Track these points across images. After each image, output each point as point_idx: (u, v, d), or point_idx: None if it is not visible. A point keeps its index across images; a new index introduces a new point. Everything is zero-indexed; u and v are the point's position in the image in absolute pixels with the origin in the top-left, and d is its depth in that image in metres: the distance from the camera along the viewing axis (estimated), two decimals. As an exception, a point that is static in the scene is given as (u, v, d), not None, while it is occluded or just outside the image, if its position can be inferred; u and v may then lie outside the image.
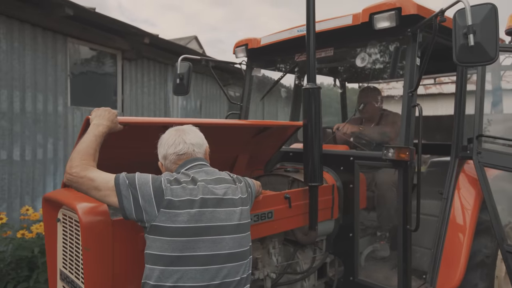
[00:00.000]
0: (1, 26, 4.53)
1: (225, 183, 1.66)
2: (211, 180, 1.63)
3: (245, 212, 1.68)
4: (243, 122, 2.60)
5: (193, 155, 1.72)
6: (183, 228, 1.46)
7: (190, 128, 1.79)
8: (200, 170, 1.67)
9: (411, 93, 2.39)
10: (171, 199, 1.48)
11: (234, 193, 1.65)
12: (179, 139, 1.71)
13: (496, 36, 1.77)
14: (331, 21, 2.76)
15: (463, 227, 2.74)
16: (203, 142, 1.78)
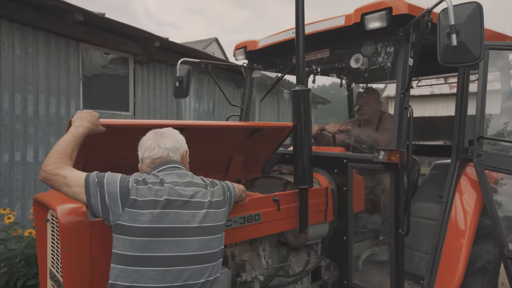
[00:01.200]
0: (15, 33, 4.72)
1: (196, 187, 1.65)
2: (182, 182, 1.63)
3: (214, 215, 1.66)
4: (228, 124, 2.61)
5: (167, 159, 1.72)
6: (145, 228, 1.47)
7: (169, 131, 1.79)
8: (172, 173, 1.67)
9: (403, 94, 2.35)
10: (136, 199, 1.49)
11: (204, 196, 1.64)
12: (155, 143, 1.71)
13: (481, 35, 1.72)
14: (324, 22, 2.74)
15: (463, 231, 2.65)
16: (180, 145, 1.78)
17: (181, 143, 1.80)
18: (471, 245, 2.61)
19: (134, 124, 2.16)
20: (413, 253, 2.87)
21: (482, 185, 2.60)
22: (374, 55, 2.73)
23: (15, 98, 4.70)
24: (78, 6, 4.76)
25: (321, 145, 3.08)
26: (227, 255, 2.28)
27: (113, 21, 5.36)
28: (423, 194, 3.11)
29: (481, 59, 1.72)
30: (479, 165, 2.63)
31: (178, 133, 1.83)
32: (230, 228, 2.12)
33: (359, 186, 2.93)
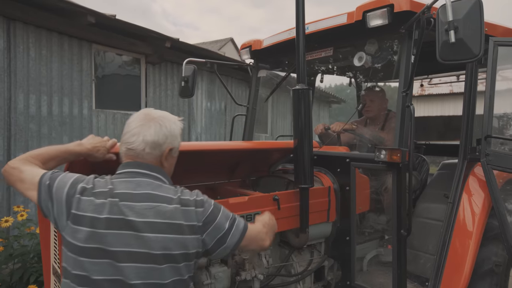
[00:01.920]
0: (30, 35, 4.85)
1: (154, 202, 1.34)
2: (135, 195, 1.34)
3: (171, 241, 1.32)
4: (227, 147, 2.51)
5: (138, 158, 1.43)
6: (81, 248, 1.28)
7: (162, 117, 1.48)
8: (130, 180, 1.38)
9: (405, 92, 2.31)
10: (76, 213, 1.31)
11: (162, 215, 1.32)
12: (137, 129, 1.42)
13: (481, 31, 1.67)
14: (327, 21, 2.72)
15: (470, 232, 2.59)
16: (165, 140, 1.44)
17: (168, 137, 1.46)
18: (478, 246, 2.55)
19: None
20: (419, 254, 2.83)
21: (489, 185, 2.53)
22: (377, 53, 2.69)
23: (30, 98, 4.83)
24: (89, 8, 4.86)
25: (326, 144, 3.05)
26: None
27: (124, 23, 5.45)
28: (430, 194, 3.05)
29: (481, 56, 1.68)
30: (487, 164, 2.57)
31: (174, 121, 1.51)
32: (228, 227, 2.13)
33: (362, 186, 2.90)
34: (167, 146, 1.46)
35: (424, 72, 4.26)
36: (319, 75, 4.25)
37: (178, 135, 1.51)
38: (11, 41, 4.64)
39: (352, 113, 3.45)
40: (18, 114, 4.71)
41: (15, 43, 4.68)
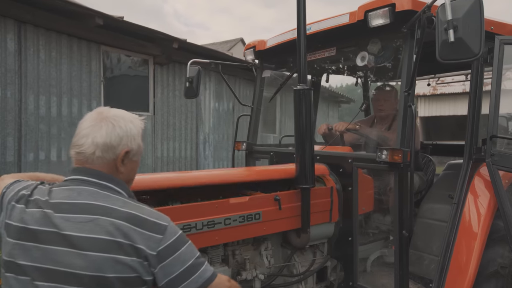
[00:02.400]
0: (40, 38, 4.95)
1: (94, 214, 1.15)
2: (74, 205, 1.16)
3: (121, 264, 1.12)
4: (225, 179, 2.35)
5: (87, 163, 1.24)
6: (5, 262, 1.15)
7: (115, 117, 1.27)
8: (72, 189, 1.21)
9: (407, 92, 2.29)
10: (7, 222, 1.19)
11: (106, 230, 1.12)
12: (87, 130, 1.24)
13: (481, 30, 1.65)
14: (330, 20, 2.71)
15: (474, 234, 2.56)
16: (119, 142, 1.24)
17: (123, 138, 1.25)
18: (483, 248, 2.51)
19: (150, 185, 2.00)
20: (423, 255, 2.80)
21: (494, 186, 2.50)
22: (380, 53, 2.67)
23: (40, 100, 4.93)
24: (97, 10, 4.94)
25: (329, 145, 3.05)
26: (228, 253, 2.31)
27: (132, 24, 5.52)
28: (435, 194, 3.02)
29: (480, 55, 1.66)
30: (492, 165, 2.53)
31: (132, 120, 1.30)
32: (229, 227, 2.15)
33: (366, 186, 2.88)
34: (122, 148, 1.25)
35: (431, 71, 4.21)
36: (324, 75, 4.25)
37: (136, 136, 1.29)
38: (22, 43, 4.74)
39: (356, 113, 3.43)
40: (29, 115, 4.80)
41: (25, 46, 4.78)
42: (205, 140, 7.94)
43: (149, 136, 6.60)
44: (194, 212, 2.03)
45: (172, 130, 7.12)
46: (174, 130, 7.18)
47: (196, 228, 2.03)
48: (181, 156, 7.31)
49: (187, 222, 1.99)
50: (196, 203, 2.06)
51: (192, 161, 7.62)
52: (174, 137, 7.18)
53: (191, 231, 2.00)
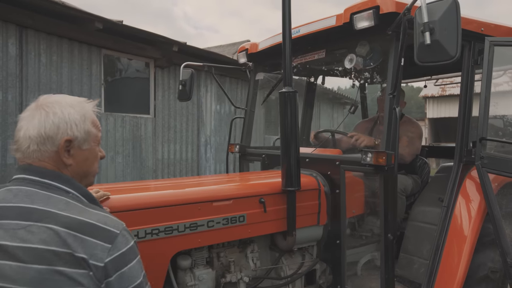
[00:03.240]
0: (41, 42, 5.03)
1: (27, 220, 0.99)
2: (8, 209, 1.02)
3: (57, 277, 0.96)
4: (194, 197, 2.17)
5: (26, 159, 1.10)
6: None
7: (51, 103, 1.12)
8: (10, 189, 1.07)
9: (392, 94, 2.28)
10: None
11: (40, 238, 0.97)
12: (21, 123, 1.11)
13: (457, 32, 1.64)
14: (318, 23, 2.71)
15: (464, 237, 2.53)
16: (56, 132, 1.09)
17: (61, 126, 1.09)
18: (472, 252, 2.49)
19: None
20: (413, 259, 2.77)
21: (484, 189, 2.47)
22: (369, 55, 2.66)
23: (40, 103, 5.00)
24: (97, 15, 5.00)
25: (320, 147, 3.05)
26: (213, 255, 2.31)
27: (132, 28, 5.58)
28: (426, 197, 2.99)
29: (457, 57, 1.65)
30: (482, 168, 2.50)
31: (72, 104, 1.14)
32: (212, 229, 2.16)
33: (356, 189, 2.87)
34: (62, 137, 1.09)
35: (427, 73, 4.19)
36: (320, 77, 4.25)
37: (79, 121, 1.12)
38: (23, 48, 4.83)
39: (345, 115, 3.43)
40: (29, 118, 4.88)
41: (27, 50, 4.86)
42: (206, 142, 7.98)
43: (150, 138, 6.65)
44: (176, 214, 2.04)
45: (173, 132, 7.16)
46: (175, 133, 7.22)
47: (178, 231, 2.04)
48: (182, 158, 7.35)
49: (169, 224, 2.01)
50: (179, 205, 2.07)
51: (193, 163, 7.65)
52: (175, 139, 7.23)
53: (173, 233, 2.02)
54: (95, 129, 1.19)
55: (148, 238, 1.93)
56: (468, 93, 2.71)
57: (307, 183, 2.61)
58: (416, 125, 3.29)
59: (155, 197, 2.09)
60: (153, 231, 1.96)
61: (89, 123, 1.17)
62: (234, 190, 2.40)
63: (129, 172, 6.15)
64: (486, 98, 2.58)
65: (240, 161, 3.67)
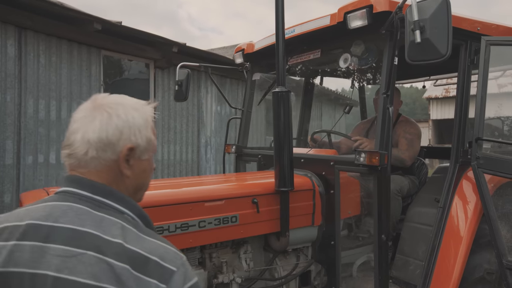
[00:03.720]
0: (40, 43, 5.05)
1: (79, 248, 0.83)
2: (55, 230, 0.85)
3: None
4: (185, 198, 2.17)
5: (80, 167, 0.94)
6: None
7: (112, 104, 0.97)
8: (56, 206, 0.90)
9: (386, 94, 2.26)
10: None
11: (91, 272, 0.80)
12: (77, 125, 0.95)
13: (448, 31, 1.63)
14: (313, 22, 2.70)
15: (460, 238, 2.51)
16: (119, 137, 0.93)
17: (125, 131, 0.94)
18: (467, 253, 2.46)
19: None
20: (409, 260, 2.75)
21: (480, 190, 2.45)
22: (364, 55, 2.65)
23: (39, 103, 5.02)
24: (95, 16, 5.01)
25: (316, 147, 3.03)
26: (205, 256, 2.30)
27: (131, 29, 5.58)
28: (422, 198, 2.97)
29: (448, 56, 1.63)
30: (478, 168, 2.48)
31: (136, 107, 1.00)
32: (204, 229, 2.14)
33: (351, 189, 2.86)
34: (124, 144, 0.94)
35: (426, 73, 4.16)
36: (318, 77, 4.24)
37: (143, 127, 0.98)
38: (22, 49, 4.84)
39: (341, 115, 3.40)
40: (28, 119, 4.89)
41: (26, 51, 4.88)
42: (206, 143, 7.97)
43: (150, 139, 6.65)
44: (167, 214, 2.03)
45: (173, 133, 7.16)
46: (175, 133, 7.22)
47: (169, 231, 2.03)
48: (182, 159, 7.35)
49: (159, 224, 2.00)
50: (170, 205, 2.06)
51: (193, 164, 7.65)
52: (175, 140, 7.23)
53: (163, 233, 2.01)
54: (154, 137, 1.04)
55: (138, 238, 1.93)
56: (465, 93, 2.69)
57: (302, 184, 2.60)
58: (414, 125, 3.26)
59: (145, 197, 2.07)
60: (144, 231, 1.95)
61: (150, 129, 1.01)
62: (227, 190, 2.39)
63: (128, 173, 6.14)
64: (482, 98, 2.56)
65: (237, 162, 3.66)
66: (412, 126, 3.22)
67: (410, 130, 3.17)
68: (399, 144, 3.14)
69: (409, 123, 3.25)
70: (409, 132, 3.15)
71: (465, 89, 2.68)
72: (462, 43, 2.66)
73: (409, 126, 3.20)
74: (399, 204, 2.91)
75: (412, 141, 3.11)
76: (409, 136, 3.13)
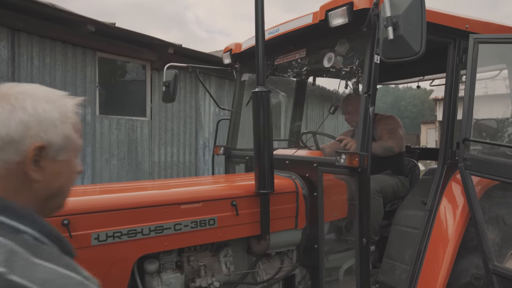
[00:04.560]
0: (34, 45, 5.06)
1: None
2: None
3: None
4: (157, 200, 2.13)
5: None
6: None
7: (18, 94, 0.81)
8: None
9: (367, 93, 2.20)
10: None
11: None
12: None
13: (422, 27, 1.57)
14: (295, 21, 2.65)
15: (446, 242, 2.43)
16: (23, 133, 0.78)
17: (32, 126, 0.79)
18: (454, 257, 2.39)
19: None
20: (395, 264, 2.68)
21: (467, 192, 2.37)
22: (349, 54, 2.59)
23: (33, 105, 5.02)
24: (88, 17, 5.01)
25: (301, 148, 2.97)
26: (183, 259, 2.26)
27: (125, 30, 5.58)
28: (410, 200, 2.90)
29: (421, 53, 1.57)
30: (465, 170, 2.41)
31: (49, 98, 0.84)
32: (179, 232, 2.10)
33: (337, 192, 2.79)
34: (31, 142, 0.79)
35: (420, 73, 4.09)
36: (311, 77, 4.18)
37: (59, 122, 0.83)
38: (15, 50, 4.85)
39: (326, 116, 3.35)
40: (21, 120, 4.89)
41: (19, 53, 4.88)
42: (204, 145, 7.94)
43: (146, 141, 6.64)
44: (141, 216, 1.99)
45: (170, 135, 7.14)
46: (172, 135, 7.20)
47: (143, 234, 1.99)
48: (179, 161, 7.33)
49: (132, 227, 1.96)
50: (143, 208, 2.02)
51: (191, 166, 7.62)
52: (172, 142, 7.21)
53: (136, 236, 1.97)
54: (76, 135, 0.88)
55: (110, 241, 1.89)
56: (453, 92, 2.62)
57: (284, 186, 2.55)
58: (391, 117, 3.24)
59: (117, 199, 2.04)
60: (115, 234, 1.91)
61: (70, 125, 0.86)
62: (204, 192, 2.34)
63: (124, 174, 6.14)
64: (470, 98, 2.48)
65: (226, 163, 3.61)
66: (389, 118, 3.21)
67: (388, 121, 3.15)
68: (382, 136, 3.09)
69: (387, 117, 3.22)
70: (388, 123, 3.13)
71: (453, 88, 2.61)
72: (451, 42, 2.60)
73: (386, 119, 3.19)
74: (379, 204, 2.83)
75: (393, 130, 3.09)
76: (389, 127, 3.10)
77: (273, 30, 2.83)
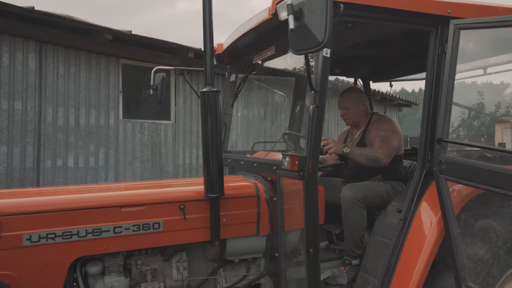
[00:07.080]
0: (60, 55, 5.44)
1: None
2: None
3: None
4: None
5: None
6: None
7: None
8: None
9: (315, 90, 2.02)
10: None
11: None
12: None
13: (327, 15, 1.39)
14: (256, 17, 2.53)
15: (418, 256, 2.15)
16: None
17: None
18: (425, 274, 2.10)
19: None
20: (369, 278, 2.42)
21: (441, 200, 2.08)
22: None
23: (58, 111, 5.40)
24: (105, 26, 5.27)
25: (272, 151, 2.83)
26: (131, 263, 2.24)
27: (142, 37, 5.78)
28: (392, 208, 2.60)
29: (326, 43, 1.38)
30: (440, 174, 2.11)
31: None
32: (120, 235, 2.09)
33: (296, 197, 2.61)
34: None
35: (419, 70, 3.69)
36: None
37: None
38: (42, 61, 5.25)
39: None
40: (47, 126, 5.28)
41: (45, 63, 5.28)
42: (232, 148, 7.97)
43: (170, 143, 6.82)
44: (77, 219, 2.01)
45: (195, 137, 7.26)
46: (198, 138, 7.32)
47: (79, 236, 2.00)
48: (204, 163, 7.42)
49: (67, 229, 1.98)
50: (79, 210, 2.03)
51: (218, 168, 7.67)
52: (198, 145, 7.32)
53: (72, 238, 1.99)
54: None
55: (42, 243, 1.93)
56: (434, 86, 2.31)
57: (244, 190, 2.43)
58: (386, 121, 2.90)
59: (52, 201, 2.08)
60: (49, 235, 1.94)
61: None
62: (149, 195, 2.30)
63: (147, 176, 6.36)
64: (448, 91, 2.18)
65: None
66: (384, 122, 2.87)
67: (382, 127, 2.82)
68: (373, 144, 2.82)
69: (382, 120, 2.90)
70: (381, 129, 2.81)
71: (435, 81, 2.31)
72: (432, 30, 2.31)
73: (381, 123, 2.86)
74: (361, 215, 2.56)
75: (386, 137, 2.77)
76: (382, 133, 2.79)
77: (240, 28, 2.73)
